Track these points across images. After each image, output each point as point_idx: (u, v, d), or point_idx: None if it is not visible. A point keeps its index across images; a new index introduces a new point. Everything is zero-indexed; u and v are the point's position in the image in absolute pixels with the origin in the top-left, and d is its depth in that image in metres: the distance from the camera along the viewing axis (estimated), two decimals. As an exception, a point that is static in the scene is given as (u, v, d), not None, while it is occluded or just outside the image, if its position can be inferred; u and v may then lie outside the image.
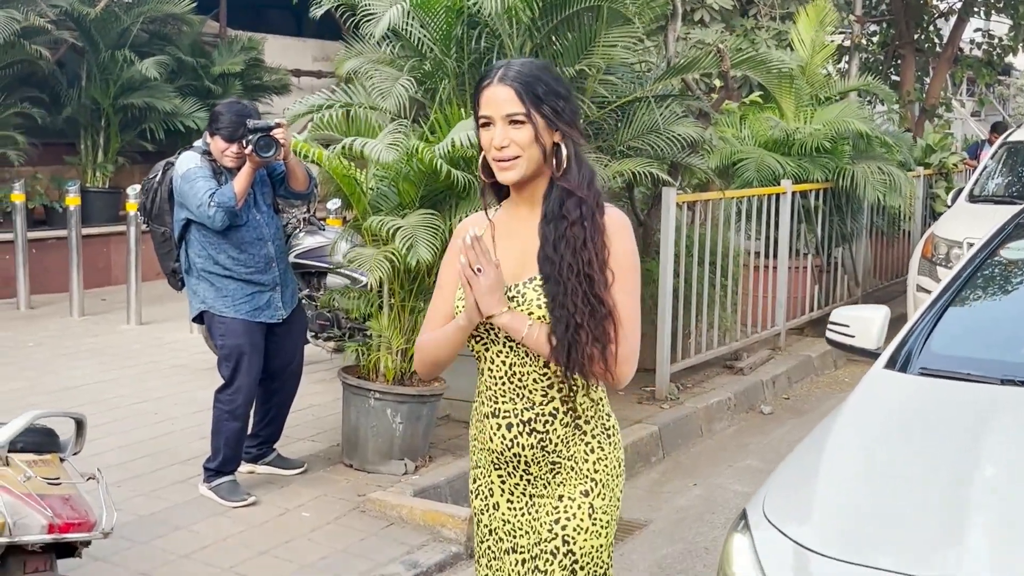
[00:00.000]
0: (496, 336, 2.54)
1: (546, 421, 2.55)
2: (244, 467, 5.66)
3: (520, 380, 2.54)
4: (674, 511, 5.67)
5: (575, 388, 2.52)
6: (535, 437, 2.55)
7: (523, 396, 2.55)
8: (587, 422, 2.58)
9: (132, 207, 9.33)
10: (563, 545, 2.57)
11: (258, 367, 5.38)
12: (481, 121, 2.49)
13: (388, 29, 6.03)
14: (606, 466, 2.61)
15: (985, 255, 3.88)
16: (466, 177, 5.35)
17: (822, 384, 8.41)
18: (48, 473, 3.33)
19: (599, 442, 2.60)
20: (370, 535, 5.05)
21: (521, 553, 2.61)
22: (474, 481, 2.71)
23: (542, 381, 2.54)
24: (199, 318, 5.45)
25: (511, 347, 2.53)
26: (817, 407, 7.56)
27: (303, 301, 7.51)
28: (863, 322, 3.75)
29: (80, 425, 3.56)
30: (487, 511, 2.67)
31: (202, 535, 4.98)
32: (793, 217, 8.87)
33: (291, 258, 7.62)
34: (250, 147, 5.05)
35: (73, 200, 9.88)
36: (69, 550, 3.42)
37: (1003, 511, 2.62)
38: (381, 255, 5.42)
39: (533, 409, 2.54)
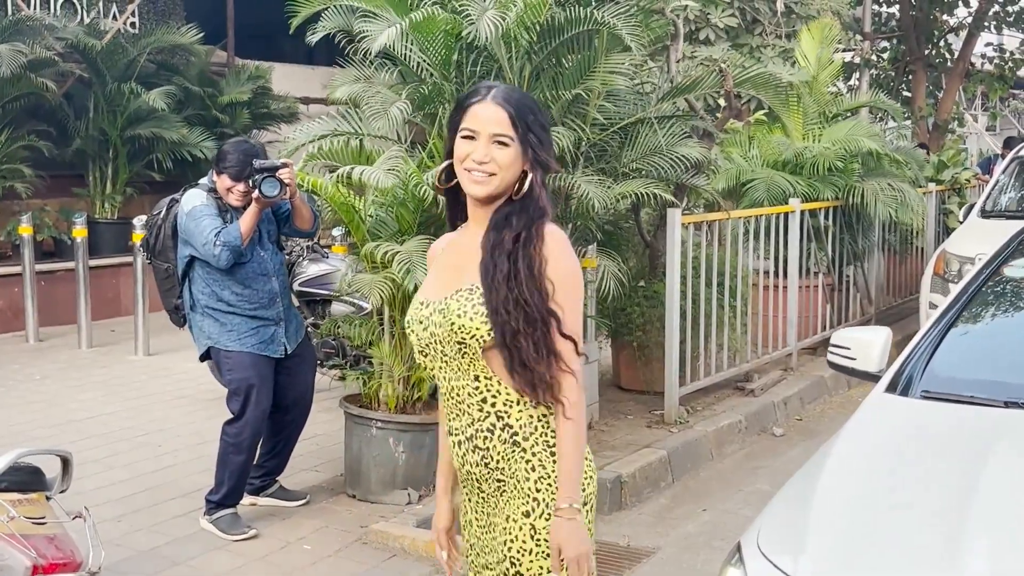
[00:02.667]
0: (435, 353, 2.58)
1: (485, 437, 2.56)
2: (246, 499, 5.60)
3: (458, 395, 2.57)
4: (682, 538, 5.58)
5: (519, 400, 2.52)
6: (478, 454, 2.58)
7: (464, 412, 2.57)
8: (525, 439, 2.55)
9: (140, 238, 9.33)
10: (511, 567, 2.58)
11: (267, 400, 5.34)
12: (464, 133, 2.53)
13: (387, 55, 6.02)
14: (549, 485, 2.54)
15: (988, 274, 3.81)
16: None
17: (835, 405, 8.30)
18: (33, 512, 3.27)
19: (540, 460, 2.55)
20: (372, 567, 4.98)
21: (492, 570, 2.65)
22: (463, 496, 2.76)
23: (476, 395, 2.55)
24: (206, 355, 5.42)
25: (445, 361, 2.57)
26: (830, 428, 7.41)
27: (309, 329, 7.53)
28: (864, 344, 3.68)
29: (66, 463, 3.50)
30: (467, 527, 2.73)
31: (201, 570, 4.92)
32: (802, 236, 8.80)
33: (295, 286, 7.62)
34: (256, 187, 5.03)
35: (80, 232, 9.90)
36: (56, 590, 3.35)
37: (1005, 540, 2.53)
38: (380, 279, 5.41)
39: (473, 425, 2.56)
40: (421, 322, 2.59)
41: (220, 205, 5.26)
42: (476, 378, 2.54)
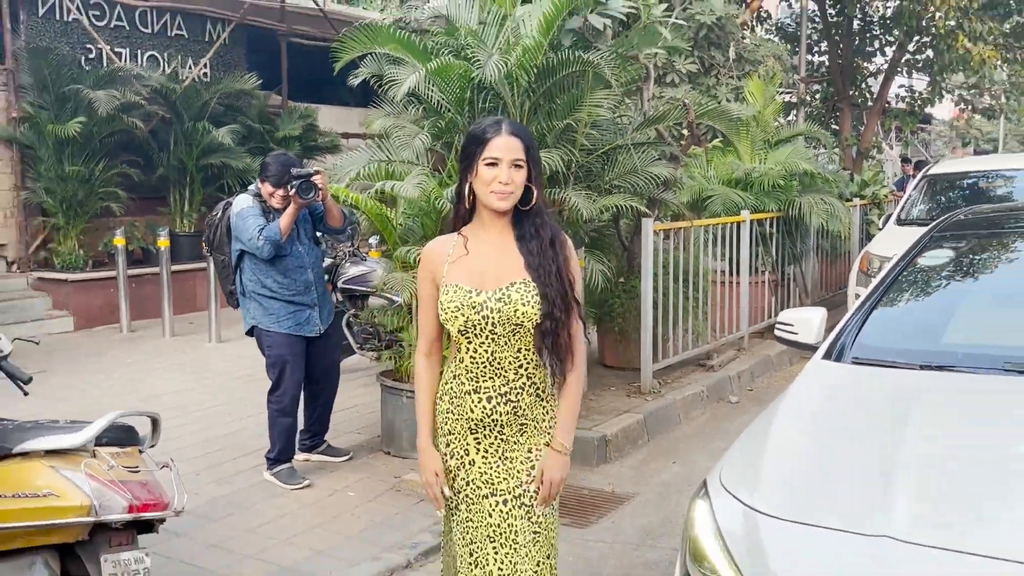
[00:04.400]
0: (481, 331, 2.66)
1: (517, 393, 2.69)
2: (300, 456, 5.60)
3: (499, 363, 2.68)
4: (657, 485, 5.56)
5: (554, 367, 2.69)
6: (509, 406, 2.69)
7: (500, 375, 2.68)
8: (543, 391, 2.73)
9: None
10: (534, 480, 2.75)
11: (300, 372, 5.32)
12: (489, 161, 2.61)
13: (412, 95, 6.01)
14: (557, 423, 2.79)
15: (905, 263, 3.79)
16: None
17: (779, 378, 8.28)
18: (128, 463, 3.27)
19: (552, 406, 2.77)
20: (404, 510, 4.97)
21: (501, 495, 2.72)
22: (447, 445, 2.78)
23: (514, 363, 2.69)
24: (250, 332, 5.40)
25: (493, 338, 2.66)
26: (776, 396, 7.41)
27: (351, 318, 7.54)
28: (805, 322, 3.67)
29: (155, 423, 3.50)
30: (463, 467, 2.76)
31: (264, 513, 4.91)
32: (752, 241, 8.77)
33: (340, 283, 7.62)
34: (293, 191, 5.03)
35: (164, 243, 9.91)
36: (148, 527, 3.35)
37: (925, 475, 2.52)
38: (410, 278, 5.38)
39: (508, 384, 2.68)
40: (473, 307, 2.64)
41: (264, 207, 5.25)
42: (519, 350, 2.67)
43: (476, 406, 2.69)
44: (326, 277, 7.61)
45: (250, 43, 13.44)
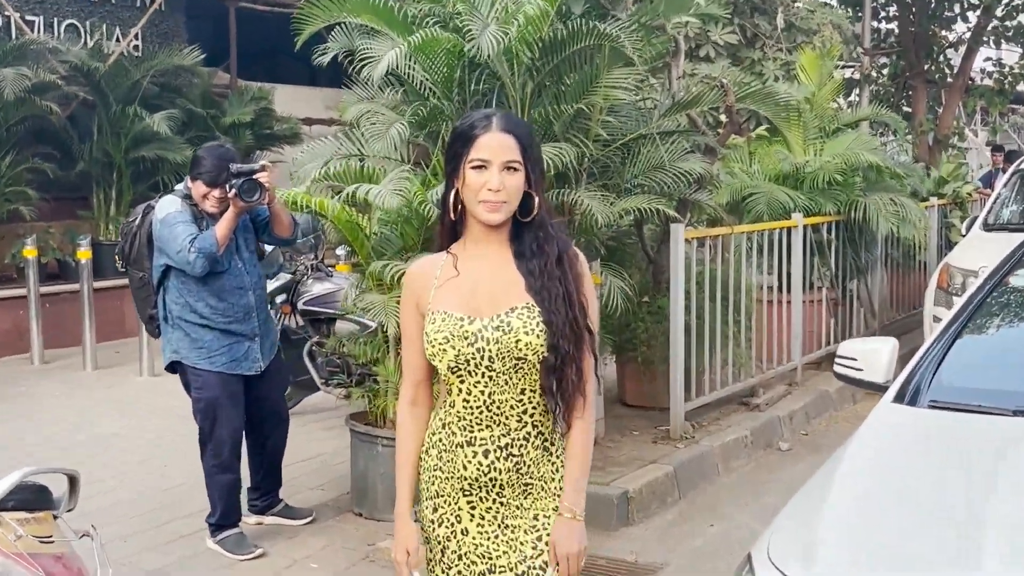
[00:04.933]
0: (476, 367, 2.66)
1: (521, 445, 2.70)
2: (252, 519, 5.59)
3: (498, 407, 2.68)
4: (690, 552, 5.54)
5: (557, 412, 2.70)
6: (511, 461, 2.69)
7: (500, 423, 2.69)
8: (552, 444, 2.75)
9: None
10: (543, 556, 2.74)
11: (239, 418, 5.28)
12: (475, 163, 2.62)
13: (391, 74, 6.02)
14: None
15: (993, 285, 3.79)
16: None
17: (840, 419, 8.26)
18: (40, 531, 3.25)
19: (562, 462, 2.76)
20: (379, 585, 4.96)
21: (502, 572, 2.73)
22: (435, 510, 2.79)
23: (517, 407, 2.69)
24: (173, 367, 5.32)
25: (490, 376, 2.66)
26: (836, 442, 7.35)
27: (314, 347, 7.54)
28: (871, 355, 3.67)
29: (73, 481, 3.48)
30: (455, 537, 2.76)
31: (208, 589, 4.90)
32: (806, 250, 8.78)
33: (301, 304, 7.64)
34: (233, 191, 4.95)
35: (85, 254, 9.91)
36: (64, 610, 3.33)
37: (1019, 547, 2.51)
38: (391, 302, 5.36)
39: (509, 435, 2.69)
40: (466, 337, 2.64)
41: (195, 212, 5.15)
42: (522, 391, 2.68)
43: (470, 462, 2.69)
44: (283, 297, 7.64)
45: (191, 9, 13.51)
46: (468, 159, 2.63)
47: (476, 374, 2.66)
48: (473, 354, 2.65)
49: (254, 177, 4.97)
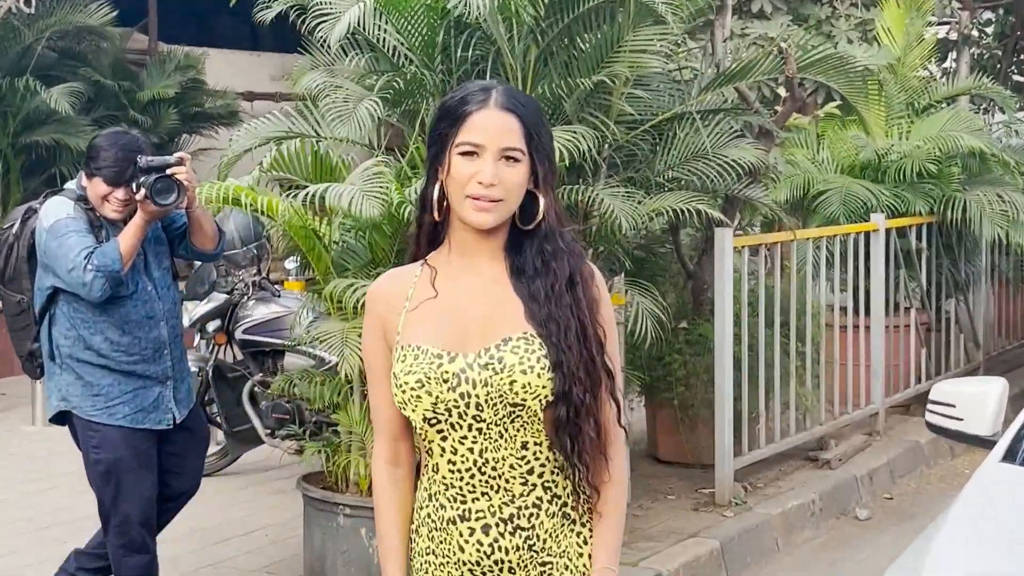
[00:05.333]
0: (460, 419, 2.62)
1: (531, 514, 2.65)
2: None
3: (495, 469, 2.63)
4: (742, 653, 5.55)
5: (578, 475, 2.64)
6: (520, 536, 2.65)
7: (499, 488, 2.64)
8: (574, 508, 2.69)
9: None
10: None
11: (150, 485, 5.13)
12: (464, 148, 2.59)
13: (357, 36, 6.04)
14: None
15: None
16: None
17: (935, 479, 8.28)
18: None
19: (591, 530, 2.72)
20: None
21: None
22: None
23: (520, 467, 2.64)
24: (60, 418, 5.17)
25: (479, 429, 2.62)
26: (929, 509, 7.42)
27: (256, 388, 7.54)
28: (973, 399, 3.66)
29: None
30: None
31: None
32: (889, 261, 8.79)
33: (240, 333, 7.63)
34: (143, 192, 4.80)
35: (-39, 268, 9.89)
36: None
37: None
38: (353, 332, 5.36)
39: (514, 503, 2.64)
40: (445, 380, 2.60)
41: (92, 218, 5.02)
42: (524, 446, 2.63)
43: (467, 541, 2.65)
44: (217, 324, 7.64)
45: (99, -47, 13.53)
46: (455, 142, 2.59)
47: (461, 427, 2.62)
48: (455, 401, 2.60)
49: (169, 173, 4.84)
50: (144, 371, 5.08)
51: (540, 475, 2.65)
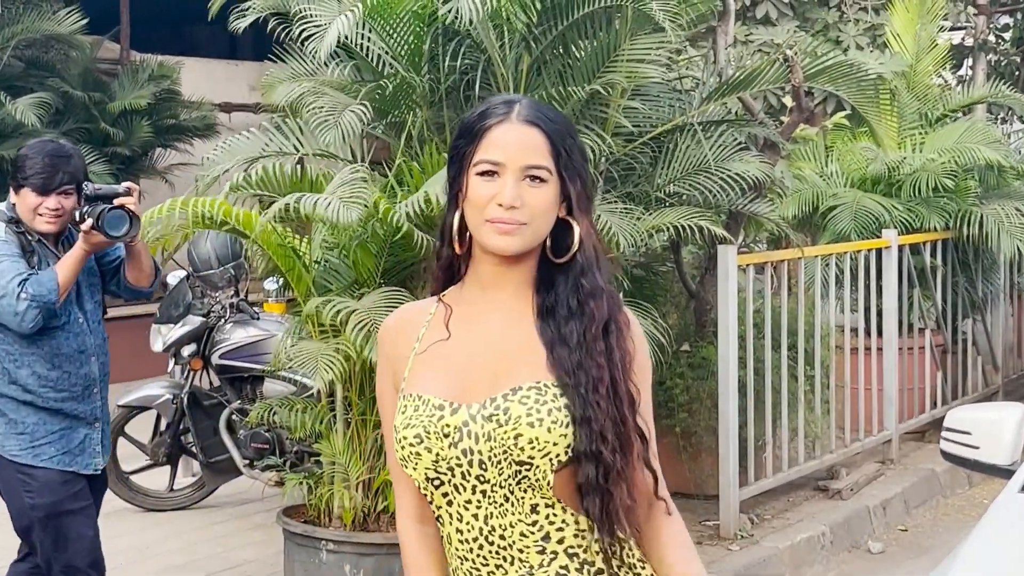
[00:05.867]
0: (464, 480, 2.47)
1: None
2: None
3: (503, 537, 2.48)
4: None
5: (609, 549, 2.49)
6: None
7: (513, 559, 2.49)
8: (614, 572, 2.50)
9: None
10: None
11: (93, 520, 5.03)
12: (482, 167, 2.46)
13: (341, 45, 6.05)
14: None
15: None
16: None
17: (952, 509, 8.27)
18: None
19: None
20: None
21: None
22: None
23: (534, 533, 2.47)
24: None
25: (483, 492, 2.47)
26: (945, 541, 7.42)
27: (233, 416, 7.53)
28: (990, 427, 3.66)
29: None
30: None
31: None
32: (902, 280, 8.80)
33: (215, 359, 7.62)
34: (90, 222, 4.72)
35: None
36: None
37: None
38: (331, 350, 5.37)
39: (533, 573, 2.48)
40: (446, 435, 2.46)
41: (24, 242, 4.89)
42: (534, 509, 2.47)
43: None
44: (192, 348, 7.63)
45: (68, -43, 13.55)
46: (473, 161, 2.47)
47: (464, 489, 2.48)
48: (457, 459, 2.46)
49: (123, 204, 4.76)
50: (72, 409, 4.96)
51: (560, 540, 2.48)
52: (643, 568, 2.56)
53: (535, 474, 2.43)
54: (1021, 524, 3.30)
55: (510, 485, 2.45)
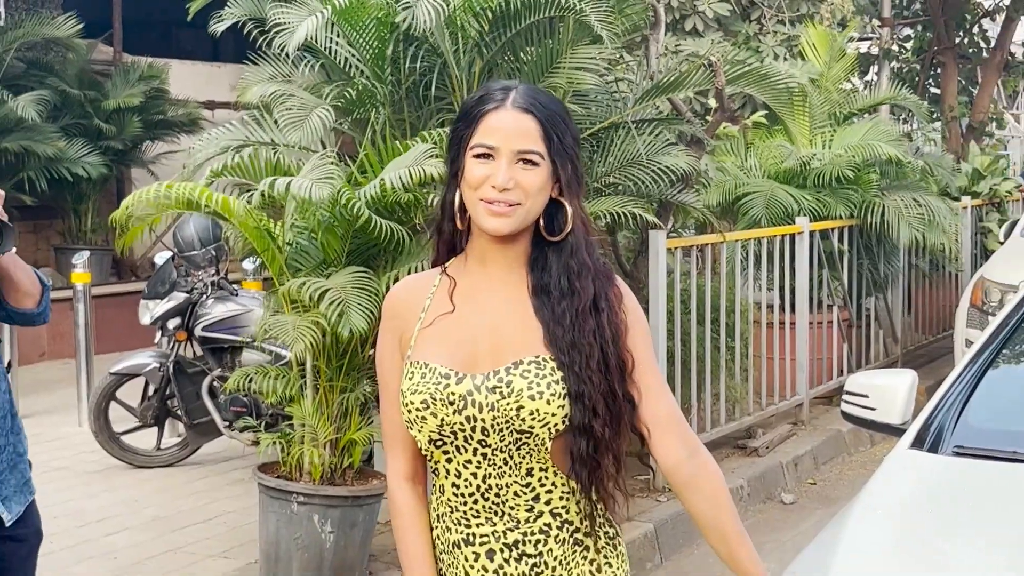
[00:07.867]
0: (466, 442, 2.46)
1: (538, 540, 2.48)
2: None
3: (498, 495, 2.47)
4: (674, 630, 5.57)
5: (591, 512, 2.50)
6: (526, 563, 2.48)
7: (503, 514, 2.48)
8: (587, 534, 2.51)
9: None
10: None
11: None
12: (478, 151, 2.42)
13: (308, 48, 6.03)
14: None
15: (1030, 304, 3.85)
16: (397, 230, 5.31)
17: (855, 465, 8.34)
18: None
19: (605, 558, 2.54)
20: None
21: None
22: None
23: (525, 494, 2.47)
24: None
25: (484, 454, 2.46)
26: (849, 493, 7.43)
27: (214, 383, 7.50)
28: (884, 391, 3.69)
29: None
30: None
31: None
32: (813, 262, 8.86)
33: (200, 330, 7.59)
34: None
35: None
36: None
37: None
38: (305, 323, 5.35)
39: (519, 528, 2.48)
40: (451, 402, 2.43)
41: None
42: (529, 472, 2.46)
43: (472, 566, 2.50)
44: (177, 322, 7.60)
45: (66, -32, 13.41)
46: (470, 144, 2.43)
47: (465, 450, 2.46)
48: (461, 424, 2.43)
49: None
50: None
51: (547, 502, 2.48)
52: (616, 534, 2.58)
53: (534, 441, 2.43)
54: (908, 475, 3.33)
55: (510, 450, 2.45)
